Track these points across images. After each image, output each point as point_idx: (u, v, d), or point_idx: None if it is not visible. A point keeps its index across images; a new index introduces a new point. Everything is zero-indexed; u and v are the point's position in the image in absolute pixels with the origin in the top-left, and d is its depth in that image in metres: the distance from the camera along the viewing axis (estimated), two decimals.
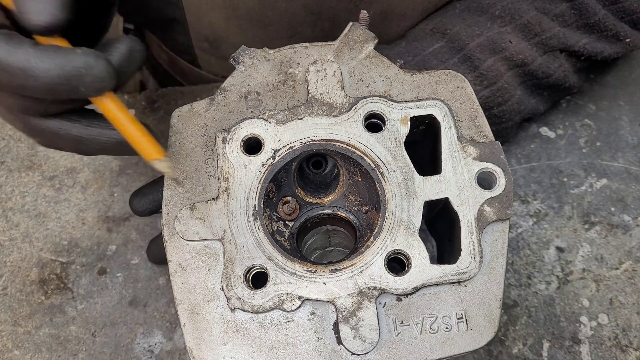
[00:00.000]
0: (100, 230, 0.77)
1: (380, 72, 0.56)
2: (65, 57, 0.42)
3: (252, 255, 0.50)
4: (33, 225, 0.78)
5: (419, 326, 0.49)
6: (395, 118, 0.53)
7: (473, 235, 0.50)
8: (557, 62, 0.73)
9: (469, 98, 0.55)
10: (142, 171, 0.81)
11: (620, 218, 0.77)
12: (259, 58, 0.56)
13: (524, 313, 0.72)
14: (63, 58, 0.41)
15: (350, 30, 0.56)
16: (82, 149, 0.49)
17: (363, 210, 0.57)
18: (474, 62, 0.70)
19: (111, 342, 0.71)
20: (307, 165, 0.58)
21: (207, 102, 0.55)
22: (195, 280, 0.50)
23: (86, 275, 0.75)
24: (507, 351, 0.70)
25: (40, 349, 0.70)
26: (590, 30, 0.73)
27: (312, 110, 0.54)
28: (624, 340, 0.70)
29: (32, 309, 0.73)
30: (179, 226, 0.50)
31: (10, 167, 0.82)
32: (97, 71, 0.42)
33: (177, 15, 0.82)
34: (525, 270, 0.74)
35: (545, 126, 0.84)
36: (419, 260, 0.49)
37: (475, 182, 0.52)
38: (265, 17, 0.75)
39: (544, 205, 0.78)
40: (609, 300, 0.72)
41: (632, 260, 0.74)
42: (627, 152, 0.81)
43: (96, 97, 0.45)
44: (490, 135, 0.54)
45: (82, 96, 0.44)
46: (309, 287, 0.49)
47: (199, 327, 0.48)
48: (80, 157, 0.82)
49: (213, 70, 0.94)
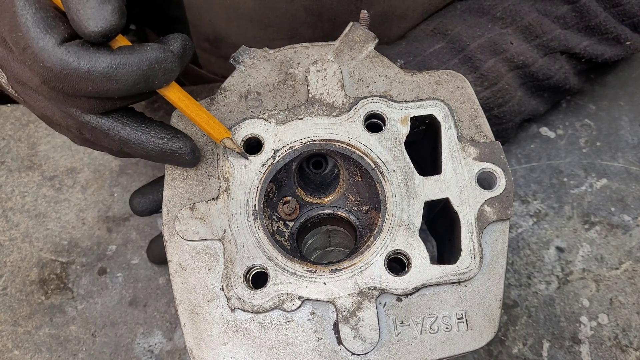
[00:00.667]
0: (100, 230, 0.77)
1: (381, 72, 0.56)
2: (140, 56, 0.43)
3: (252, 255, 0.50)
4: (33, 225, 0.78)
5: (419, 326, 0.49)
6: (396, 118, 0.53)
7: (473, 236, 0.50)
8: (557, 64, 0.74)
9: (469, 98, 0.55)
10: (142, 171, 0.81)
11: (620, 218, 0.77)
12: (259, 58, 0.56)
13: (524, 313, 0.72)
14: (139, 58, 0.43)
15: (351, 30, 0.57)
16: (125, 150, 0.49)
17: (363, 210, 0.57)
18: (475, 63, 0.70)
19: (111, 342, 0.71)
20: (307, 165, 0.58)
21: (207, 102, 0.55)
22: (195, 280, 0.50)
23: (86, 275, 0.75)
24: (507, 351, 0.70)
25: (40, 349, 0.70)
26: (591, 33, 0.74)
27: (312, 110, 0.54)
28: (624, 340, 0.70)
29: (32, 309, 0.73)
30: (179, 226, 0.50)
31: (10, 167, 0.82)
32: (167, 64, 0.44)
33: (177, 14, 0.82)
34: (525, 270, 0.74)
35: (545, 126, 0.84)
36: (419, 261, 0.49)
37: (476, 182, 0.52)
38: (266, 18, 0.75)
39: (544, 205, 0.78)
40: (609, 300, 0.72)
41: (632, 260, 0.74)
42: (627, 152, 0.81)
43: (164, 88, 0.47)
44: (490, 136, 0.54)
45: (153, 89, 0.46)
46: (309, 287, 0.49)
47: (199, 327, 0.48)
48: (80, 157, 0.82)
49: (213, 70, 0.94)
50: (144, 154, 0.49)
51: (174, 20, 0.84)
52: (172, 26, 0.87)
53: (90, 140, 0.50)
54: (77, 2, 0.40)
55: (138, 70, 0.43)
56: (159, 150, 0.48)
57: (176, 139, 0.49)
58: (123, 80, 0.42)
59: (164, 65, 0.44)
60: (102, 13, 0.41)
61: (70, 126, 0.48)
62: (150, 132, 0.48)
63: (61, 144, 0.83)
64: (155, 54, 0.43)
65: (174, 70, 0.45)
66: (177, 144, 0.49)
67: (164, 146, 0.48)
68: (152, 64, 0.43)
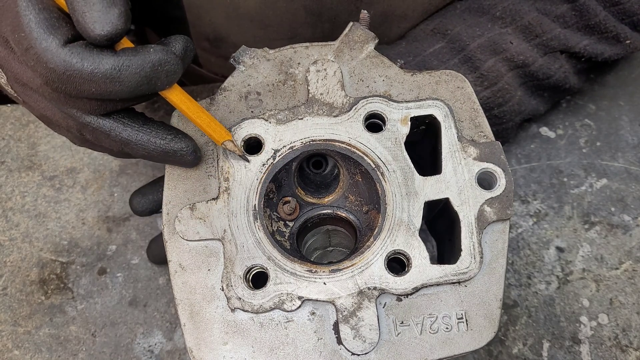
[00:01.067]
0: (100, 230, 0.77)
1: (381, 72, 0.56)
2: (144, 58, 0.43)
3: (252, 255, 0.50)
4: (33, 225, 0.78)
5: (419, 326, 0.49)
6: (396, 118, 0.53)
7: (473, 236, 0.50)
8: (557, 63, 0.73)
9: (469, 98, 0.55)
10: (142, 171, 0.81)
11: (620, 218, 0.77)
12: (259, 58, 0.56)
13: (524, 313, 0.72)
14: (142, 60, 0.43)
15: (351, 30, 0.56)
16: (126, 151, 0.49)
17: (363, 210, 0.57)
18: (475, 62, 0.70)
19: (111, 342, 0.71)
20: (307, 165, 0.58)
21: (208, 102, 0.55)
22: (195, 280, 0.50)
23: (86, 275, 0.75)
24: (507, 351, 0.70)
25: (40, 349, 0.70)
26: (591, 32, 0.74)
27: (312, 110, 0.54)
28: (624, 340, 0.70)
29: (32, 309, 0.73)
30: (179, 226, 0.50)
31: (10, 167, 0.82)
32: (170, 66, 0.44)
33: (177, 14, 0.82)
34: (525, 270, 0.74)
35: (545, 126, 0.84)
36: (419, 261, 0.49)
37: (476, 182, 0.52)
38: (266, 18, 0.75)
39: (544, 205, 0.78)
40: (609, 300, 0.72)
41: (632, 260, 0.74)
42: (627, 152, 0.81)
43: (167, 89, 0.47)
44: (490, 136, 0.54)
45: (156, 91, 0.46)
46: (309, 287, 0.49)
47: (199, 327, 0.48)
48: (80, 157, 0.82)
49: (213, 70, 0.94)
50: (145, 155, 0.49)
51: (174, 20, 0.84)
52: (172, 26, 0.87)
53: (90, 141, 0.50)
54: (83, 4, 0.40)
55: (141, 72, 0.43)
56: (161, 150, 0.48)
57: (178, 139, 0.49)
58: (126, 82, 0.42)
59: (166, 67, 0.44)
60: (109, 17, 0.40)
61: (70, 127, 0.48)
62: (151, 132, 0.48)
63: (61, 144, 0.83)
64: (159, 56, 0.43)
65: (176, 72, 0.45)
66: (179, 144, 0.49)
67: (166, 147, 0.48)
68: (155, 66, 0.43)
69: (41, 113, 0.49)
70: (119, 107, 0.47)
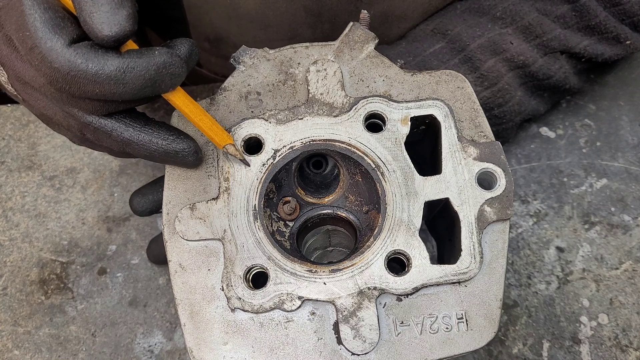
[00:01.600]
0: (100, 230, 0.77)
1: (381, 72, 0.56)
2: (149, 60, 0.43)
3: (252, 255, 0.50)
4: (33, 225, 0.78)
5: (419, 326, 0.49)
6: (396, 118, 0.53)
7: (473, 236, 0.50)
8: (557, 64, 0.74)
9: (469, 98, 0.55)
10: (142, 171, 0.81)
11: (620, 218, 0.77)
12: (259, 58, 0.56)
13: (524, 313, 0.72)
14: (147, 62, 0.42)
15: (351, 30, 0.56)
16: (128, 151, 0.49)
17: (363, 210, 0.57)
18: (475, 63, 0.70)
19: (111, 342, 0.71)
20: (307, 165, 0.58)
21: (208, 102, 0.55)
22: (195, 280, 0.50)
23: (86, 275, 0.75)
24: (507, 351, 0.70)
25: (40, 349, 0.70)
26: (591, 32, 0.74)
27: (312, 110, 0.54)
28: (624, 340, 0.70)
29: (32, 309, 0.73)
30: (179, 226, 0.50)
31: (10, 167, 0.82)
32: (174, 68, 0.44)
33: (177, 14, 0.82)
34: (525, 270, 0.74)
35: (545, 126, 0.84)
36: (419, 261, 0.49)
37: (476, 182, 0.52)
38: (266, 18, 0.75)
39: (544, 205, 0.78)
40: (609, 300, 0.72)
41: (632, 260, 0.74)
42: (627, 152, 0.81)
43: (170, 92, 0.47)
44: (490, 136, 0.54)
45: (159, 93, 0.46)
46: (309, 287, 0.49)
47: (199, 327, 0.48)
48: (80, 157, 0.82)
49: (213, 70, 0.94)
50: (146, 155, 0.49)
51: (174, 20, 0.84)
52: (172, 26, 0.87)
53: (91, 140, 0.50)
54: (91, 5, 0.40)
55: (146, 75, 0.42)
56: (162, 151, 0.48)
57: (179, 139, 0.49)
58: (130, 84, 0.42)
59: (171, 69, 0.44)
60: (117, 18, 0.40)
61: (71, 126, 0.48)
62: (153, 133, 0.48)
63: (61, 143, 0.83)
64: (163, 59, 0.43)
65: (180, 75, 0.45)
66: (181, 144, 0.49)
67: (167, 147, 0.48)
68: (160, 69, 0.43)
69: (41, 112, 0.49)
70: (121, 108, 0.47)
